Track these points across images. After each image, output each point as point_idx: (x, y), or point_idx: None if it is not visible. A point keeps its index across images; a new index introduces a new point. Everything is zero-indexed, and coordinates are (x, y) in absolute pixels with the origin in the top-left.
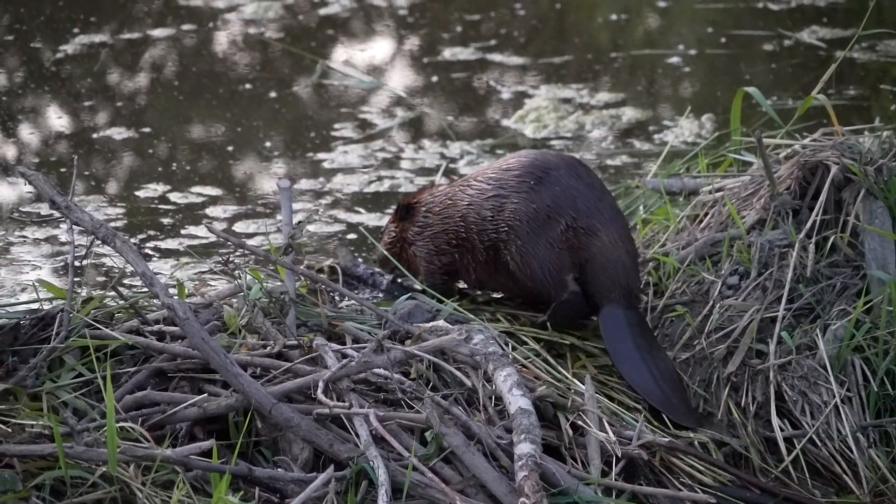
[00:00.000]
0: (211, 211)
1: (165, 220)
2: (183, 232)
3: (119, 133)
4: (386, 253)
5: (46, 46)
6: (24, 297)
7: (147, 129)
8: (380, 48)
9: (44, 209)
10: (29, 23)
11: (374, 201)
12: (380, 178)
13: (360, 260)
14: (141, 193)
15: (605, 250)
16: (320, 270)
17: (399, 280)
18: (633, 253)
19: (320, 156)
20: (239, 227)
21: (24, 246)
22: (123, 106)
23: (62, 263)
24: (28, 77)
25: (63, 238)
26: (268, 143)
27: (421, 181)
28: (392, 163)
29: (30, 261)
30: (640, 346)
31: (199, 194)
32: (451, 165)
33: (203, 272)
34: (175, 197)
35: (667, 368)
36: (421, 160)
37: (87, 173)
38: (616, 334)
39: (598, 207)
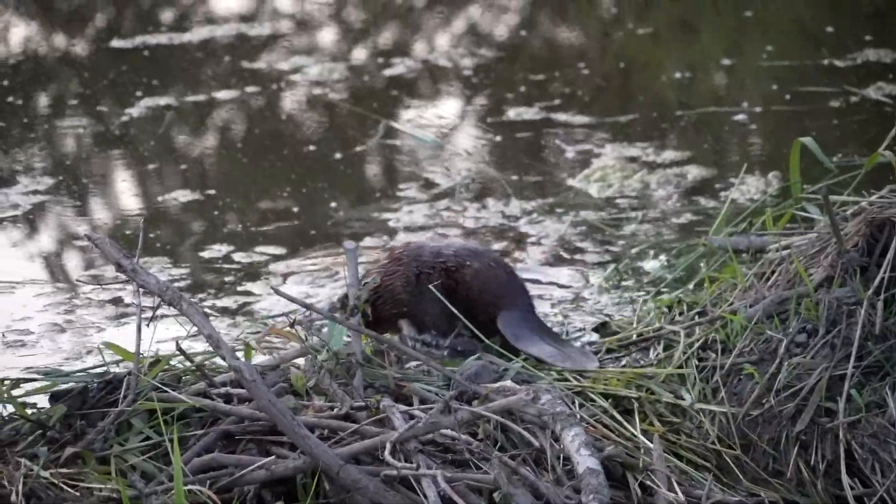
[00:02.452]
0: (276, 270)
1: (228, 279)
2: (248, 292)
3: (184, 195)
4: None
5: (112, 110)
6: (89, 359)
7: (212, 192)
8: (445, 109)
9: (109, 271)
10: (93, 86)
11: None
12: (445, 238)
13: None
14: (205, 254)
15: (480, 273)
16: None
17: (458, 339)
18: (511, 272)
19: (385, 216)
20: (304, 288)
21: (90, 308)
22: (188, 168)
23: (128, 325)
24: (93, 140)
25: (128, 300)
26: (333, 204)
27: (485, 239)
28: (456, 222)
29: (94, 322)
30: (536, 329)
31: (264, 254)
32: (513, 224)
33: (267, 334)
34: (239, 257)
35: (564, 340)
36: (485, 219)
37: (152, 235)
38: (514, 326)
39: (466, 249)
